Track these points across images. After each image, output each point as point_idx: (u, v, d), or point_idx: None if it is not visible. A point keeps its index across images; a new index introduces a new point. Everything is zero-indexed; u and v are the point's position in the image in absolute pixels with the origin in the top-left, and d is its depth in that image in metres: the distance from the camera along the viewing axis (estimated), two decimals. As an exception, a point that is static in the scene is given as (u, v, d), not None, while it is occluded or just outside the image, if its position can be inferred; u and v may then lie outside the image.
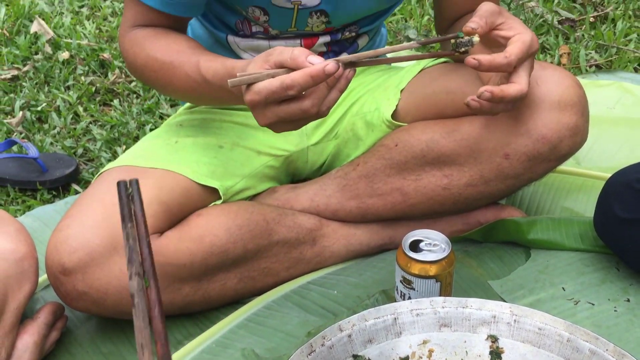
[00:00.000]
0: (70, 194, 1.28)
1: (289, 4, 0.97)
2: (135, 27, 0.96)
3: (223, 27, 1.06)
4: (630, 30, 1.76)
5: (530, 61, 0.84)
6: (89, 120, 1.51)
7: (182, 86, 0.92)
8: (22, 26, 1.92)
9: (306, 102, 0.74)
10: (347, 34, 1.08)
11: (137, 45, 0.94)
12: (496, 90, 0.81)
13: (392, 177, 1.03)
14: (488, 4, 0.85)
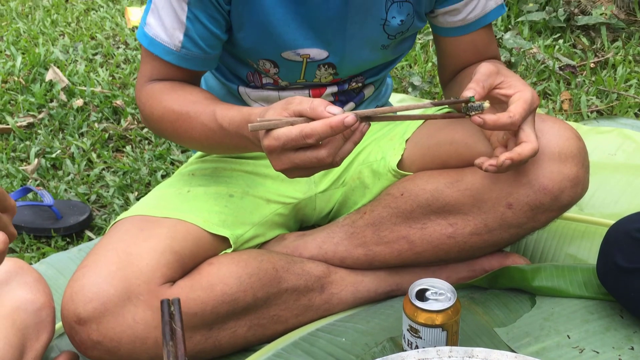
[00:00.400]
0: (84, 240, 1.31)
1: (298, 57, 1.01)
2: (152, 81, 1.00)
3: (235, 79, 1.10)
4: (630, 75, 1.80)
5: (532, 116, 0.88)
6: (102, 166, 1.55)
7: (198, 135, 0.95)
8: (38, 74, 1.98)
9: (322, 151, 0.77)
10: (354, 84, 1.12)
11: (154, 98, 0.98)
12: (515, 156, 0.84)
13: (399, 225, 1.05)
14: (485, 66, 0.88)
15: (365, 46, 1.03)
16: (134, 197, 1.43)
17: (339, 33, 0.99)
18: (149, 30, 0.96)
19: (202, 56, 0.97)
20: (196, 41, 0.95)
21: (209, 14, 0.94)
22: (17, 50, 2.16)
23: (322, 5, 0.95)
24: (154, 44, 0.95)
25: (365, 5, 0.97)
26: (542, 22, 2.13)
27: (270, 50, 1.00)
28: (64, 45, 2.21)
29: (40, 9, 2.59)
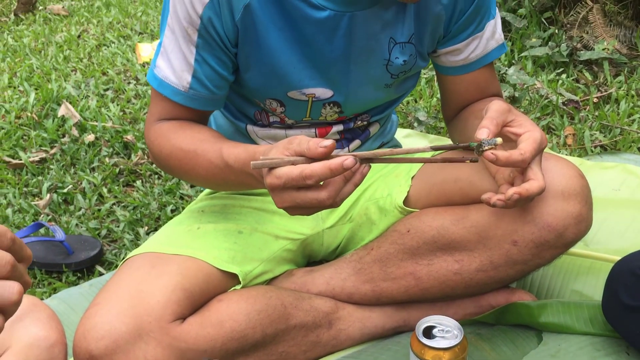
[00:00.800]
0: (95, 275, 1.33)
1: (303, 97, 1.04)
2: (161, 120, 1.03)
3: (243, 117, 1.13)
4: (633, 110, 1.82)
5: (540, 156, 0.89)
6: (112, 201, 1.57)
7: (205, 173, 0.97)
8: (50, 110, 2.02)
9: (323, 193, 0.78)
10: (359, 122, 1.14)
11: (162, 136, 1.01)
12: (522, 192, 0.86)
13: (405, 261, 1.07)
14: (497, 103, 0.90)
15: (369, 85, 1.06)
16: (144, 231, 1.45)
17: (343, 73, 1.02)
18: (158, 72, 0.99)
19: (210, 96, 1.00)
20: (204, 82, 0.98)
21: (216, 56, 0.97)
22: (31, 86, 2.20)
23: (326, 47, 0.98)
24: (163, 85, 0.98)
25: (368, 47, 1.00)
26: (545, 57, 2.16)
27: (277, 90, 1.03)
28: (76, 80, 2.25)
29: (53, 45, 2.65)
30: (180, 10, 0.94)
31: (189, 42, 0.95)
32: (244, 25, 0.94)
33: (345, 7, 0.94)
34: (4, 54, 2.57)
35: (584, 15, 2.26)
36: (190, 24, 0.94)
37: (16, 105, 2.05)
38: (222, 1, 0.92)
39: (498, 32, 1.07)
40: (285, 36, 0.96)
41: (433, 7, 1.00)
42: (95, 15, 3.08)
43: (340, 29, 0.96)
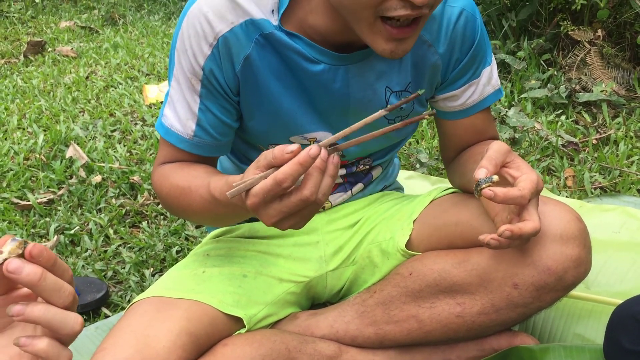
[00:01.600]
0: (100, 318, 1.34)
1: (305, 141, 1.06)
2: (166, 162, 1.06)
3: (247, 161, 1.16)
4: (632, 152, 1.85)
5: (537, 199, 0.92)
6: (119, 242, 1.59)
7: (198, 208, 0.99)
8: (59, 151, 2.06)
9: (304, 191, 0.77)
10: (362, 167, 1.17)
11: (163, 176, 1.04)
12: (515, 229, 0.88)
13: (408, 304, 1.08)
14: (498, 144, 0.93)
15: (368, 131, 1.09)
16: (150, 273, 1.46)
17: (342, 119, 1.05)
18: (165, 120, 1.02)
19: (214, 143, 1.03)
20: (207, 130, 1.01)
21: (219, 104, 1.00)
22: (39, 127, 2.25)
23: (324, 96, 1.01)
24: (169, 133, 1.02)
25: (365, 97, 1.03)
26: (544, 99, 2.20)
27: (279, 136, 1.06)
28: (84, 122, 2.30)
29: (62, 86, 2.71)
30: (184, 62, 0.98)
31: (193, 92, 0.99)
32: (244, 75, 0.98)
33: (339, 61, 0.98)
34: (14, 95, 2.63)
35: (582, 57, 2.31)
36: (193, 74, 0.97)
37: (25, 146, 2.09)
38: (223, 53, 0.96)
39: (494, 78, 1.10)
40: (285, 84, 1.00)
41: (430, 57, 1.03)
42: (103, 56, 3.14)
43: (337, 81, 0.99)
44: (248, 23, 0.94)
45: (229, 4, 0.93)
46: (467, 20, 1.02)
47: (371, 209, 1.22)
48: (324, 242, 1.19)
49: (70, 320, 0.54)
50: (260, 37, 0.95)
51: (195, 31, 0.95)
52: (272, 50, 0.97)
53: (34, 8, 4.23)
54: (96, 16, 3.99)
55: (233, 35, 0.94)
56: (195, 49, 0.96)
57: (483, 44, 1.06)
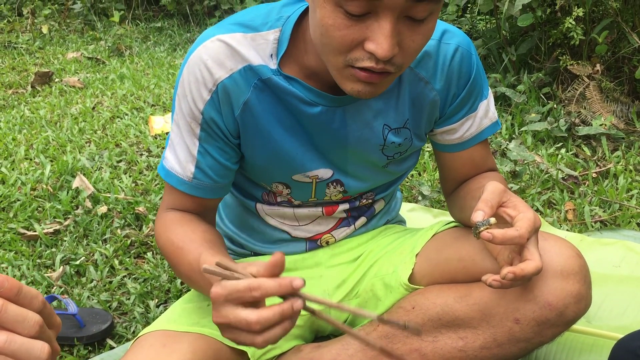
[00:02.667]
0: (105, 349, 1.35)
1: (307, 179, 1.09)
2: (170, 209, 1.07)
3: (251, 198, 1.18)
4: (631, 185, 1.87)
5: (536, 237, 0.93)
6: (124, 273, 1.61)
7: (185, 272, 1.00)
8: (65, 182, 2.08)
9: (254, 315, 0.73)
10: (365, 201, 1.19)
11: (163, 226, 1.05)
12: (517, 271, 0.89)
13: (411, 338, 1.09)
14: (493, 185, 0.95)
15: (367, 167, 1.11)
16: (154, 304, 1.48)
17: (341, 157, 1.07)
18: (166, 163, 1.05)
19: (213, 185, 1.04)
20: (206, 172, 1.03)
21: (218, 147, 1.02)
22: (46, 158, 2.28)
23: (323, 136, 1.04)
24: (169, 175, 1.04)
25: (363, 136, 1.05)
26: (544, 132, 2.23)
27: (282, 175, 1.08)
28: (90, 152, 2.33)
29: (69, 117, 2.75)
30: (184, 107, 1.00)
31: (192, 136, 1.01)
32: (243, 119, 1.01)
33: (335, 103, 1.01)
34: (21, 126, 2.66)
35: (581, 91, 2.35)
36: (193, 119, 1.00)
37: (32, 177, 2.11)
38: (222, 99, 0.98)
39: (491, 111, 1.12)
40: (285, 126, 1.02)
41: (428, 94, 1.06)
42: (109, 87, 3.19)
43: (335, 121, 1.02)
44: (247, 69, 0.97)
45: (228, 51, 0.96)
46: (462, 57, 1.05)
47: (374, 243, 1.24)
48: (327, 276, 1.21)
49: (36, 350, 0.53)
50: (259, 82, 0.98)
51: (195, 78, 0.98)
52: (270, 94, 1.00)
53: (42, 39, 4.30)
54: (103, 47, 4.06)
55: (232, 82, 0.97)
56: (195, 95, 0.98)
57: (479, 78, 1.09)
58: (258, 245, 1.22)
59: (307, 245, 1.21)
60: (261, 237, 1.21)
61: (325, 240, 1.21)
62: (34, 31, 4.45)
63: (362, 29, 0.81)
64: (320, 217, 1.17)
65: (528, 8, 2.47)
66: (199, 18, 4.54)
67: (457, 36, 1.05)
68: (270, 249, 1.21)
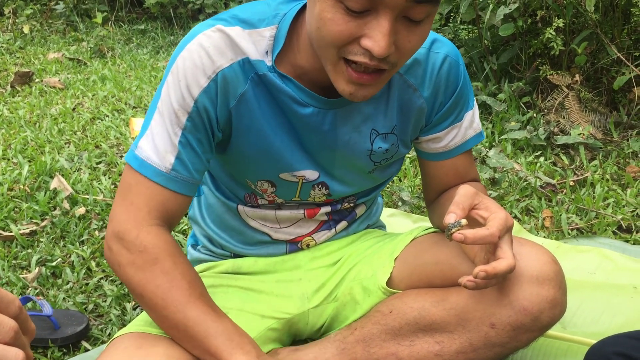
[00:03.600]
0: (80, 351, 1.33)
1: (294, 179, 1.09)
2: (152, 224, 0.98)
3: (235, 198, 1.17)
4: (608, 194, 1.89)
5: (509, 236, 0.94)
6: (100, 275, 1.59)
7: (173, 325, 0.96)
8: (43, 182, 2.06)
9: None
10: (346, 204, 1.19)
11: (149, 274, 0.95)
12: (489, 269, 0.90)
13: (388, 342, 1.09)
14: (464, 188, 0.96)
15: (354, 172, 1.11)
16: (131, 306, 1.46)
17: (329, 160, 1.08)
18: (140, 152, 0.97)
19: (189, 179, 0.99)
20: (186, 164, 0.98)
21: (198, 139, 0.99)
22: (24, 158, 2.25)
23: (312, 137, 1.04)
24: (144, 165, 0.97)
25: (351, 139, 1.06)
26: (524, 140, 2.25)
27: (270, 172, 1.08)
28: (69, 153, 2.30)
29: (48, 118, 2.72)
30: (173, 93, 0.96)
31: (176, 125, 0.96)
32: (237, 111, 1.00)
33: (327, 105, 1.01)
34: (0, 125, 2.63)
35: (560, 101, 2.38)
36: (181, 106, 0.96)
37: (9, 177, 2.09)
38: (220, 88, 0.97)
39: (476, 122, 1.14)
40: (277, 123, 1.02)
41: (416, 101, 1.07)
42: (90, 88, 3.17)
43: (325, 123, 1.03)
44: (245, 61, 0.97)
45: (229, 41, 0.96)
46: (450, 66, 1.06)
47: (353, 247, 1.25)
48: (306, 279, 1.21)
49: (11, 356, 0.51)
50: (255, 76, 0.98)
51: (193, 63, 0.95)
52: (265, 90, 0.99)
53: (23, 39, 4.26)
54: (85, 48, 4.03)
55: (232, 71, 0.96)
56: (190, 81, 0.95)
57: (466, 89, 1.10)
58: (238, 246, 1.21)
59: (288, 247, 1.21)
60: (242, 239, 1.20)
61: (306, 242, 1.21)
62: (15, 31, 4.41)
63: (360, 25, 0.82)
64: (302, 220, 1.18)
65: (509, 18, 2.49)
66: (183, 21, 4.53)
67: (446, 46, 1.06)
68: (251, 250, 1.21)
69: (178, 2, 4.49)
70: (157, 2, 4.47)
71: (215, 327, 0.93)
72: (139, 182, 0.97)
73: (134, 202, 0.97)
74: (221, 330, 0.93)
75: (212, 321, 0.93)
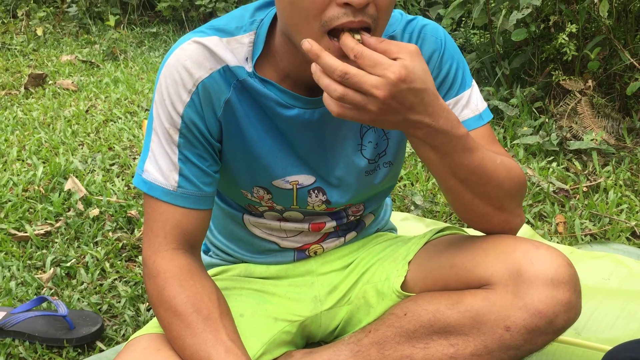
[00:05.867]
0: (95, 352, 1.34)
1: (288, 185, 1.09)
2: (170, 249, 0.99)
3: (237, 209, 1.17)
4: (621, 200, 1.89)
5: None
6: (115, 276, 1.60)
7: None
8: (57, 183, 2.07)
9: None
10: (352, 217, 1.19)
11: (167, 284, 0.97)
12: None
13: (402, 344, 1.09)
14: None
15: (349, 172, 1.10)
16: (145, 307, 1.47)
17: (321, 160, 1.07)
18: (147, 176, 1.00)
19: (198, 193, 1.01)
20: (191, 179, 1.00)
21: (197, 154, 1.00)
22: (39, 159, 2.27)
23: (300, 138, 1.04)
24: (153, 187, 0.99)
25: (340, 135, 1.05)
26: (536, 145, 2.25)
27: (262, 179, 1.07)
28: (83, 155, 2.32)
29: (62, 119, 2.74)
30: (162, 112, 0.98)
31: (171, 143, 0.98)
32: (226, 119, 1.00)
33: (311, 105, 1.01)
34: (14, 127, 2.66)
35: (572, 106, 2.37)
36: (171, 124, 0.98)
37: (24, 178, 2.10)
38: (203, 99, 0.98)
39: (473, 102, 1.08)
40: (264, 128, 1.02)
41: None
42: (103, 91, 3.19)
43: (312, 123, 1.02)
44: (225, 69, 0.98)
45: (206, 52, 0.97)
46: (425, 39, 1.04)
47: (365, 250, 1.25)
48: (318, 283, 1.21)
49: None
50: (237, 83, 0.99)
51: (173, 80, 0.96)
52: (248, 96, 1.00)
53: (36, 41, 4.29)
54: (97, 51, 4.06)
55: (212, 81, 0.97)
56: (173, 98, 0.97)
57: (452, 61, 1.06)
58: (247, 255, 1.22)
59: (296, 255, 1.21)
60: (249, 248, 1.21)
61: (314, 250, 1.21)
62: (29, 33, 4.44)
63: None
64: (307, 231, 1.18)
65: (522, 23, 2.49)
66: (194, 24, 4.56)
67: (424, 21, 1.05)
68: (259, 258, 1.21)
69: (190, 5, 4.52)
70: (169, 6, 4.50)
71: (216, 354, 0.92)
72: (153, 208, 1.00)
73: (152, 228, 1.01)
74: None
75: (212, 346, 0.92)
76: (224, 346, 0.92)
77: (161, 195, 0.99)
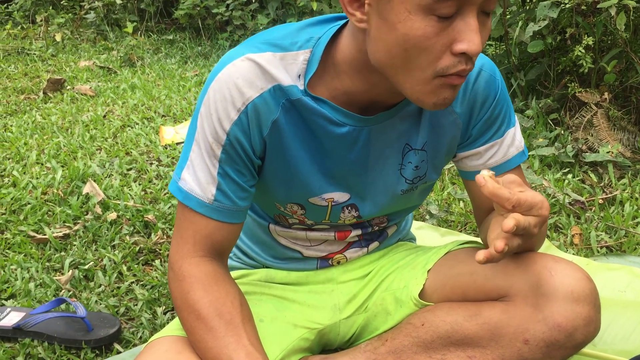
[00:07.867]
0: (113, 353, 1.35)
1: (323, 202, 1.09)
2: (195, 256, 1.01)
3: (267, 217, 1.18)
4: (637, 213, 1.88)
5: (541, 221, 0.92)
6: (132, 279, 1.62)
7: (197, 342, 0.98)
8: (76, 187, 2.10)
9: None
10: (376, 228, 1.20)
11: (192, 288, 0.99)
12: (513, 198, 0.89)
13: (419, 354, 1.10)
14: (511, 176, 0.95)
15: (385, 191, 1.11)
16: (162, 311, 1.49)
17: (360, 179, 1.08)
18: (183, 185, 1.00)
19: (233, 208, 1.01)
20: (228, 194, 1.00)
21: (237, 170, 1.00)
22: (57, 163, 2.30)
23: (345, 156, 1.04)
24: (188, 197, 1.00)
25: (384, 155, 1.06)
26: (551, 157, 2.25)
27: (299, 196, 1.08)
28: (101, 159, 2.35)
29: (80, 124, 2.77)
30: (207, 126, 0.98)
31: (212, 157, 0.99)
32: (271, 139, 1.00)
33: (363, 123, 1.01)
34: (33, 131, 2.69)
35: (588, 118, 2.37)
36: (215, 139, 0.98)
37: (43, 181, 2.13)
38: (252, 119, 0.97)
39: (518, 140, 1.11)
40: (308, 148, 1.02)
41: (447, 116, 1.06)
42: (120, 96, 3.22)
43: (359, 141, 1.02)
44: (276, 88, 0.97)
45: (258, 71, 0.95)
46: (486, 79, 1.05)
47: (385, 259, 1.25)
48: (338, 291, 1.22)
49: None
50: (287, 102, 0.98)
51: (222, 96, 0.96)
52: (297, 115, 0.99)
53: (55, 47, 4.34)
54: (115, 57, 4.10)
55: (262, 101, 0.96)
56: (221, 114, 0.96)
57: (504, 102, 1.08)
58: (269, 260, 1.23)
59: (319, 263, 1.22)
60: (272, 253, 1.22)
61: (337, 260, 1.22)
62: (47, 39, 4.50)
63: (449, 32, 0.83)
64: (332, 240, 1.19)
65: (538, 35, 2.50)
66: (211, 32, 4.60)
67: (480, 59, 1.05)
68: (281, 264, 1.22)
69: (206, 13, 4.56)
70: (185, 13, 4.54)
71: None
72: (186, 217, 1.01)
73: (183, 235, 1.02)
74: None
75: (233, 350, 0.93)
76: (245, 350, 0.93)
77: (196, 206, 1.00)
